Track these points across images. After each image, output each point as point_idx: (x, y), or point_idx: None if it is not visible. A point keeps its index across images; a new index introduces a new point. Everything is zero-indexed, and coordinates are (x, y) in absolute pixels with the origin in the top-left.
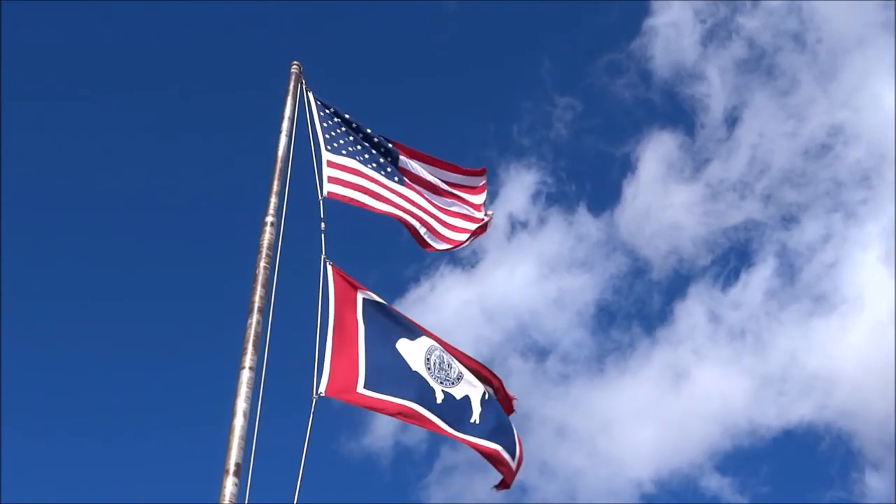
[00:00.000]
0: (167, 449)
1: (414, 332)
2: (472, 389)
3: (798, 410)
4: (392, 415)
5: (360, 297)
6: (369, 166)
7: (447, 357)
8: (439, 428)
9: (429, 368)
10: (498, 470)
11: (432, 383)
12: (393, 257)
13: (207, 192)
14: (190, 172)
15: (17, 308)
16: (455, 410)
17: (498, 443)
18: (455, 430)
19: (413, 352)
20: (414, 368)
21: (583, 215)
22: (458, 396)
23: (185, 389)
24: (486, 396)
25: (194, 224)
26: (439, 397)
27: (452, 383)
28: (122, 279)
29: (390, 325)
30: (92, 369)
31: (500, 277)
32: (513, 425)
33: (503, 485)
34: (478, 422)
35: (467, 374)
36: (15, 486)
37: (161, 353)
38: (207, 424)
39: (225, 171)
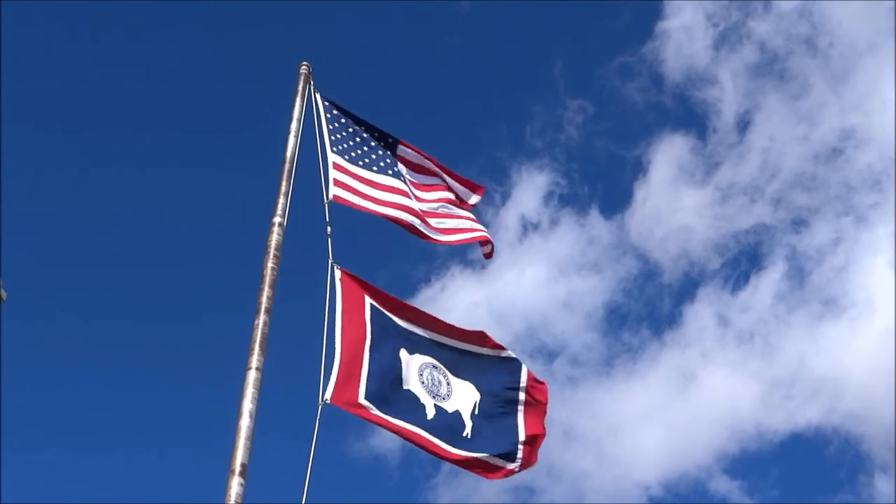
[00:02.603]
0: (173, 449)
1: (412, 345)
2: (463, 403)
3: (806, 414)
4: (386, 427)
5: (367, 302)
6: (373, 169)
7: (436, 374)
8: (433, 447)
9: (423, 383)
10: (491, 477)
11: (424, 398)
12: (404, 257)
13: (215, 191)
14: (198, 172)
15: (24, 302)
16: (446, 425)
17: (489, 452)
18: (447, 445)
19: (409, 366)
20: (407, 386)
21: (595, 217)
22: (450, 410)
23: (191, 389)
24: (480, 406)
25: (201, 225)
26: (430, 413)
27: (444, 398)
28: (128, 277)
29: (394, 335)
30: (96, 369)
31: (510, 279)
32: (518, 421)
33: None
34: (469, 436)
35: (458, 389)
36: (18, 487)
37: (168, 353)
38: (213, 424)
39: (233, 172)
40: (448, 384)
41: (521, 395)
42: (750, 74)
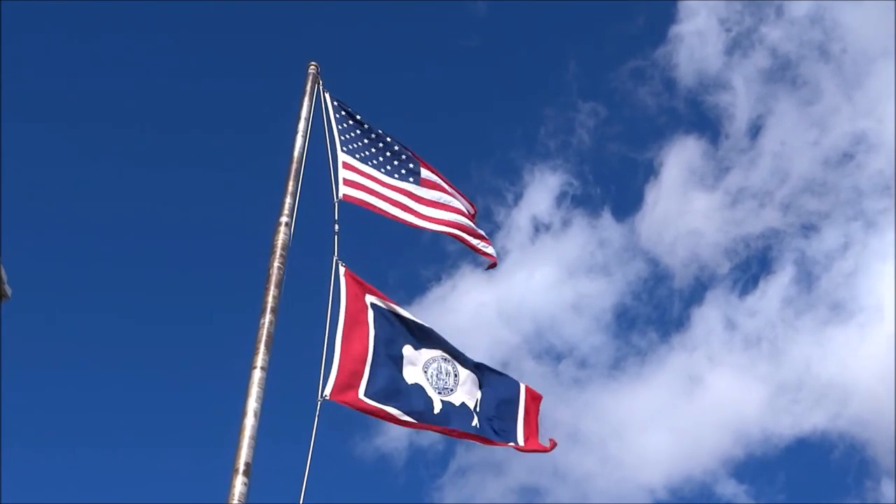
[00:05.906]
0: (176, 448)
1: (418, 341)
2: (468, 396)
3: (812, 419)
4: (391, 422)
5: (369, 301)
6: (382, 170)
7: (445, 366)
8: (439, 428)
9: (428, 379)
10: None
11: (430, 393)
12: (414, 256)
13: (222, 191)
14: (205, 171)
15: (26, 301)
16: (453, 417)
17: (503, 439)
18: (455, 428)
19: (414, 362)
20: (413, 380)
21: (606, 220)
22: (457, 403)
23: (196, 389)
24: (481, 403)
25: (208, 224)
26: (437, 407)
27: (450, 392)
28: (134, 276)
29: (397, 332)
30: (99, 368)
31: (520, 279)
32: (518, 410)
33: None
34: (479, 426)
35: (464, 380)
36: (18, 488)
37: (173, 352)
38: (218, 424)
39: (240, 171)
40: (455, 375)
41: (520, 405)
42: (762, 79)
